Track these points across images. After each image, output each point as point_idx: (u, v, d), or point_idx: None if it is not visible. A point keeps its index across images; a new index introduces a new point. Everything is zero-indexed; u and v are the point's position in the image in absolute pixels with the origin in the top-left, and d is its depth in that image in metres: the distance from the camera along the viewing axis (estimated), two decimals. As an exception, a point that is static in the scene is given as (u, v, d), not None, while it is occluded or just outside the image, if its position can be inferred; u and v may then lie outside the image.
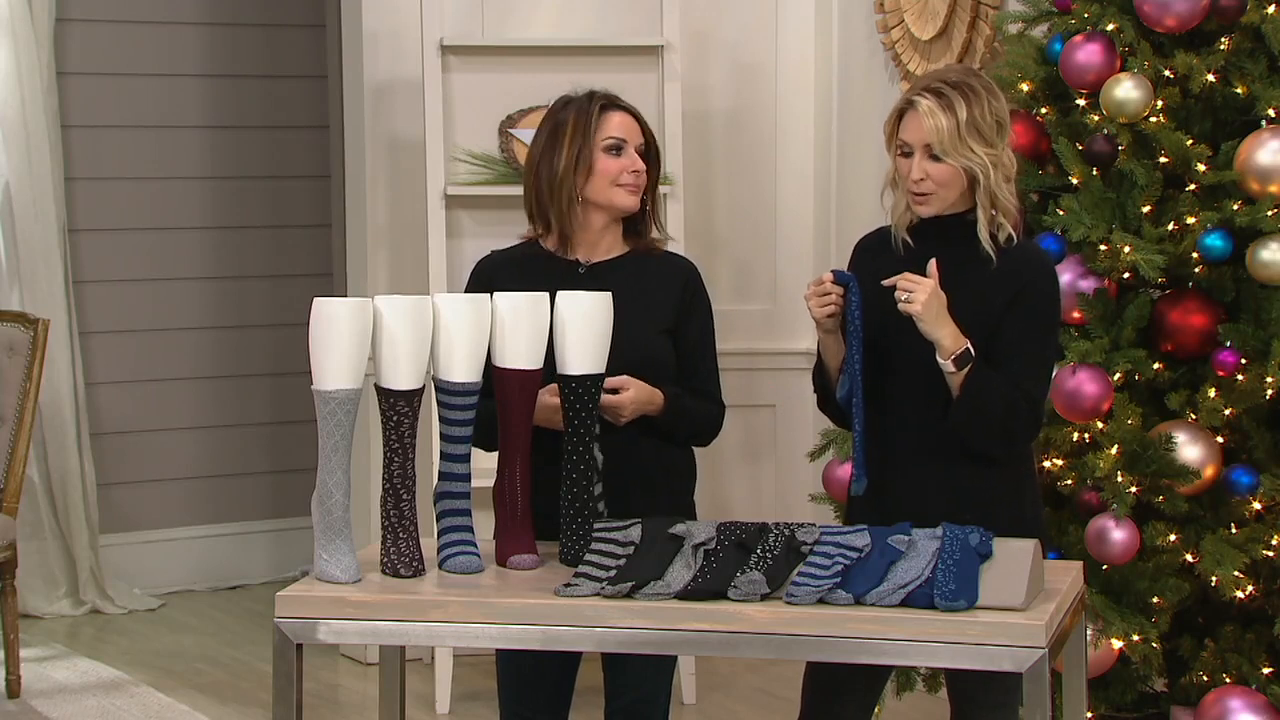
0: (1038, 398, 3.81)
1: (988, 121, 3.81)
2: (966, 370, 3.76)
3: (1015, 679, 3.87)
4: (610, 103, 4.05)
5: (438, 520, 3.78)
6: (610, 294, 3.77)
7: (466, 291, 4.09)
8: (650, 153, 4.07)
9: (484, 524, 3.93)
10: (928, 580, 3.43)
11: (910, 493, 3.87)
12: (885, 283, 3.79)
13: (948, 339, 3.76)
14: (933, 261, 3.79)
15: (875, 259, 3.95)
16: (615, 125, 4.01)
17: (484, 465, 4.21)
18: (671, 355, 4.03)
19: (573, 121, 4.01)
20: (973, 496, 3.83)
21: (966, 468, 3.85)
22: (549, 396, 3.85)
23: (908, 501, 3.84)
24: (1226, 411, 4.64)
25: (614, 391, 3.89)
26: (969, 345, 3.76)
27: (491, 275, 4.04)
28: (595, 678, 4.19)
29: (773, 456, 6.72)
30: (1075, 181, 4.82)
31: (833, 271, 3.87)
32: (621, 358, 3.85)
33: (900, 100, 3.89)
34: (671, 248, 6.13)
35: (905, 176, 3.85)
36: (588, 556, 3.64)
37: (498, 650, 4.05)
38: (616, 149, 4.00)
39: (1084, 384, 4.64)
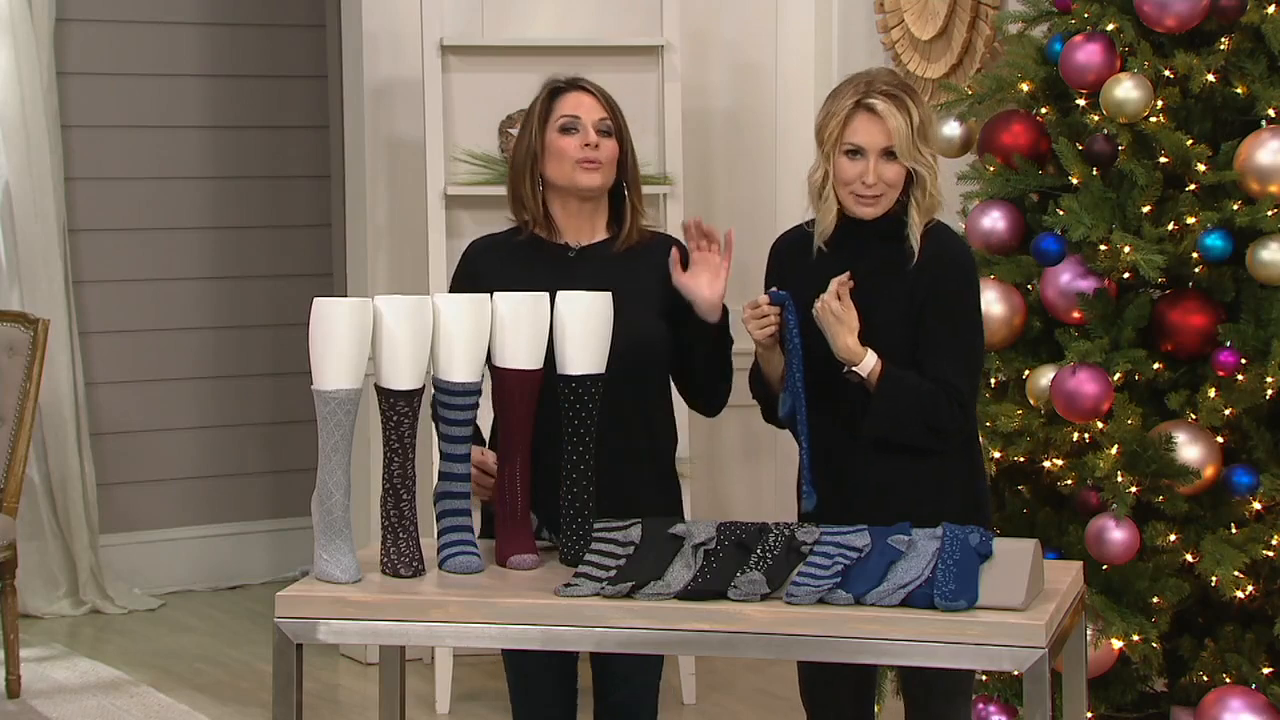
0: (965, 389, 3.88)
1: (931, 125, 3.94)
2: (878, 378, 3.84)
3: (967, 670, 3.90)
4: (567, 85, 4.08)
5: (438, 520, 3.78)
6: (610, 294, 3.76)
7: (454, 275, 4.13)
8: (621, 132, 4.07)
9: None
10: (928, 580, 3.43)
11: (859, 490, 3.91)
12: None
13: (844, 350, 3.86)
14: (844, 276, 3.88)
15: (795, 261, 4.02)
16: (569, 105, 4.04)
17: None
18: (667, 337, 4.02)
19: (532, 107, 4.07)
20: (916, 494, 3.87)
21: (908, 465, 3.89)
22: (479, 458, 3.88)
23: (858, 499, 3.89)
24: (1226, 411, 4.64)
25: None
26: (865, 359, 3.84)
27: (478, 259, 4.08)
28: (583, 677, 4.17)
29: (773, 456, 6.72)
30: (1075, 181, 4.82)
31: (769, 293, 3.95)
32: (618, 338, 3.83)
33: (844, 103, 3.91)
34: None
35: (853, 179, 3.89)
36: (588, 556, 3.64)
37: (504, 652, 4.06)
38: (569, 128, 4.02)
39: (1084, 384, 4.64)
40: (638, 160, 4.14)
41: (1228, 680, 4.66)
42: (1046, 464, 4.81)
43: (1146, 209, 4.75)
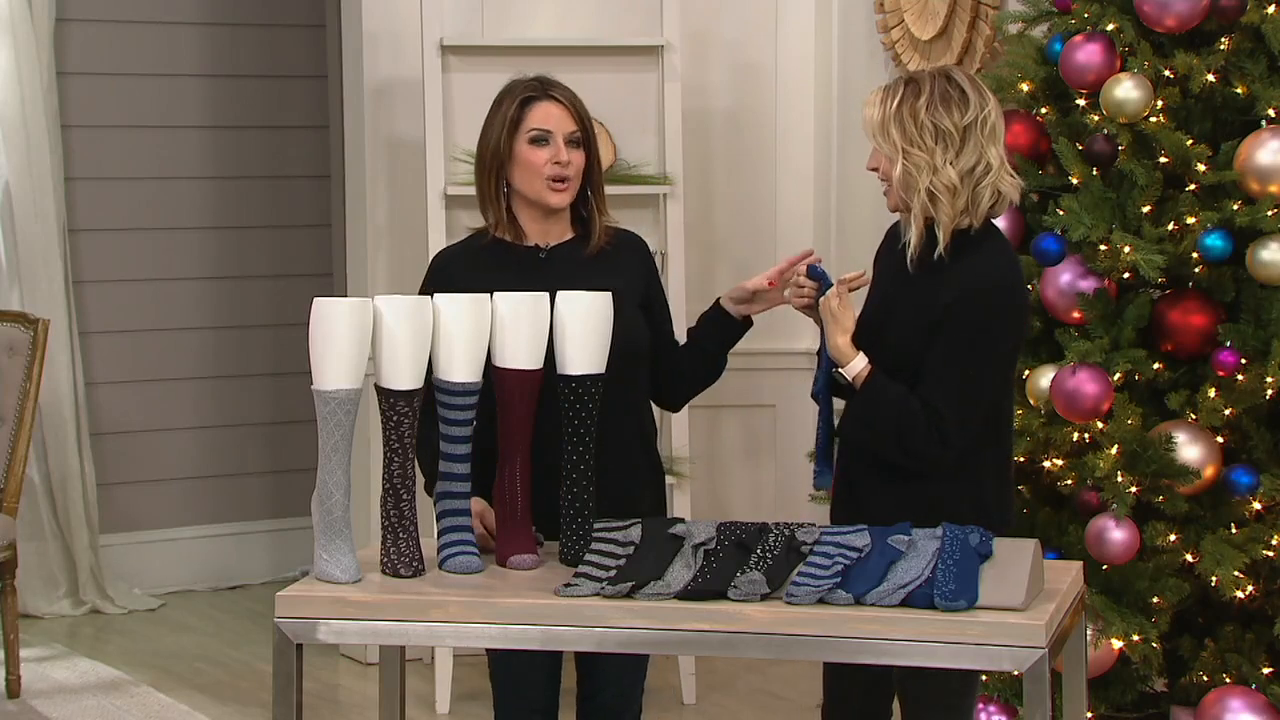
0: (948, 415, 3.72)
1: (918, 120, 3.78)
2: (863, 382, 3.79)
3: (965, 682, 3.88)
4: (540, 92, 4.02)
5: (438, 520, 3.78)
6: (610, 294, 3.77)
7: (422, 286, 4.08)
8: (589, 142, 4.03)
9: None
10: (928, 580, 3.43)
11: (873, 491, 3.88)
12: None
13: (833, 350, 3.83)
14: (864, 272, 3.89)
15: (890, 246, 3.97)
16: (540, 116, 4.00)
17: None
18: (646, 330, 4.03)
19: (500, 110, 4.02)
20: (931, 501, 3.78)
21: (908, 487, 3.82)
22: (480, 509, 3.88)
23: (873, 500, 3.85)
24: (1226, 411, 4.64)
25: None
26: (853, 362, 3.80)
27: (448, 266, 4.06)
28: (566, 678, 4.17)
29: (773, 456, 6.72)
30: (1075, 181, 4.82)
31: (808, 266, 3.95)
32: None
33: None
34: (672, 248, 6.18)
35: None
36: (588, 556, 3.64)
37: (489, 651, 4.05)
38: (540, 140, 4.00)
39: (1084, 384, 4.64)
40: (603, 163, 4.14)
41: (1228, 680, 4.67)
42: (1046, 464, 4.81)
43: (1146, 209, 4.75)
